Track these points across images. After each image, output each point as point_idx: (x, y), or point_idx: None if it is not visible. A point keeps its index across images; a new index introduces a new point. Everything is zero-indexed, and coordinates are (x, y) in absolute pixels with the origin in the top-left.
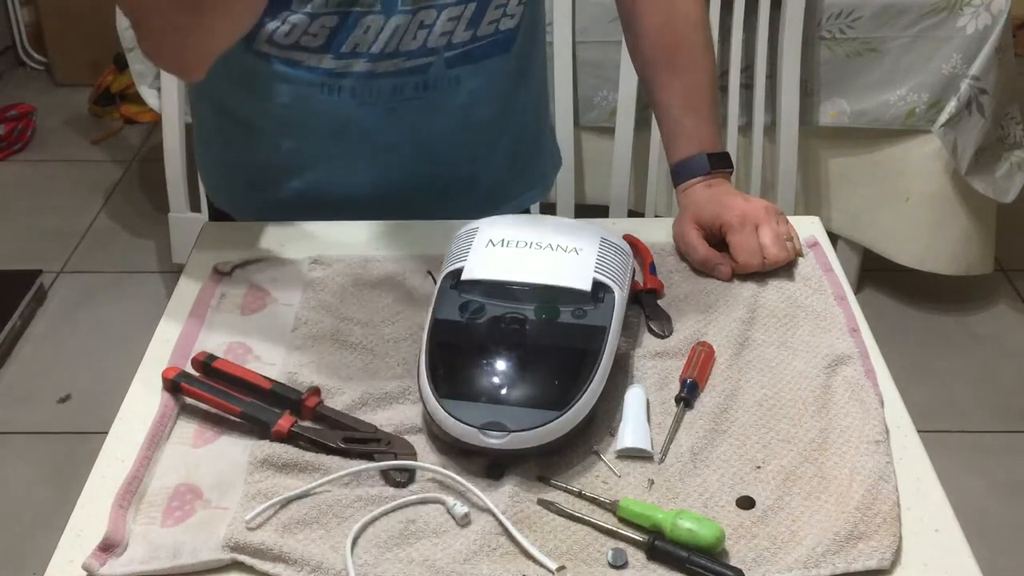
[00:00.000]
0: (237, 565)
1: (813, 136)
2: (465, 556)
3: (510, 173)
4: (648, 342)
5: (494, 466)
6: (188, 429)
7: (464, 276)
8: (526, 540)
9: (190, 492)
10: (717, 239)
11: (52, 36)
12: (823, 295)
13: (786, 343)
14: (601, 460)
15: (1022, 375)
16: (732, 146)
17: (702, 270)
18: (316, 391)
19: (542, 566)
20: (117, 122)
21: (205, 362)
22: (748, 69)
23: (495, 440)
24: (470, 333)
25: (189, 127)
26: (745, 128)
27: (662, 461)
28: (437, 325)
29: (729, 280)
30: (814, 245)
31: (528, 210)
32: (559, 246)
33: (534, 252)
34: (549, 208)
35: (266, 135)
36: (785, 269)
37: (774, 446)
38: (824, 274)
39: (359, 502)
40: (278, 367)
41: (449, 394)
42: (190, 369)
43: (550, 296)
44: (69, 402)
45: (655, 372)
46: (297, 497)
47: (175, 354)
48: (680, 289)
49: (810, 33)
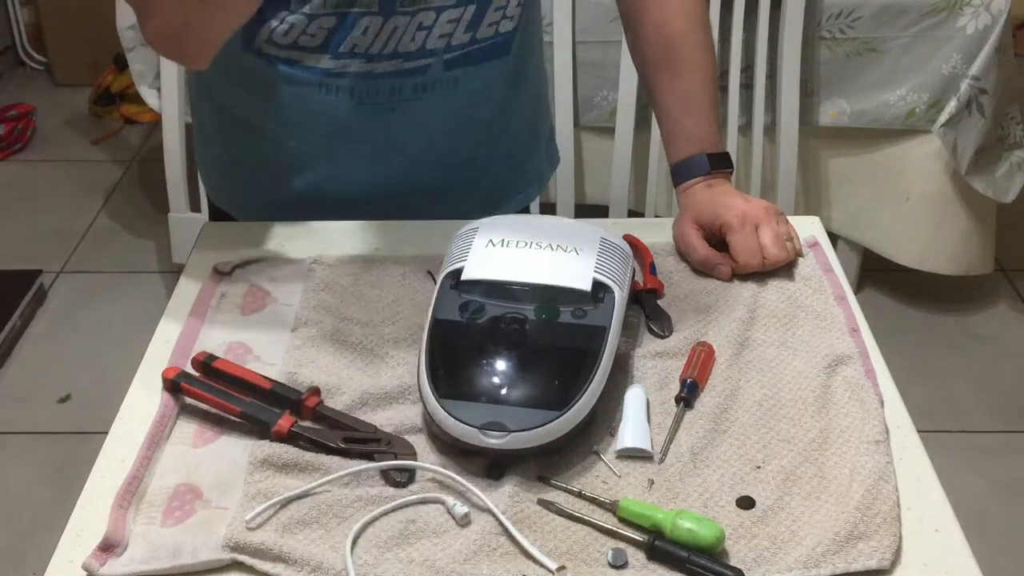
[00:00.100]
0: (237, 565)
1: (813, 136)
2: (465, 556)
3: (509, 173)
4: (648, 342)
5: (494, 466)
6: (188, 429)
7: (464, 276)
8: (526, 540)
9: (190, 492)
10: (717, 239)
11: (52, 36)
12: (823, 295)
13: (786, 343)
14: (601, 460)
15: (1022, 375)
16: (732, 146)
17: (702, 270)
18: (316, 391)
19: (542, 566)
20: (117, 122)
21: (205, 362)
22: (748, 69)
23: (495, 440)
24: (470, 333)
25: (189, 127)
26: (745, 128)
27: (662, 461)
28: (437, 325)
29: (729, 280)
30: (814, 245)
31: (528, 210)
32: (559, 246)
33: (534, 252)
34: (549, 208)
35: (265, 134)
36: (785, 269)
37: (774, 446)
38: (824, 274)
39: (359, 502)
40: (278, 367)
41: (449, 394)
42: (190, 369)
43: (550, 296)
44: (69, 402)
45: (655, 372)
46: (297, 497)
47: (175, 354)
48: (680, 289)
49: (810, 33)
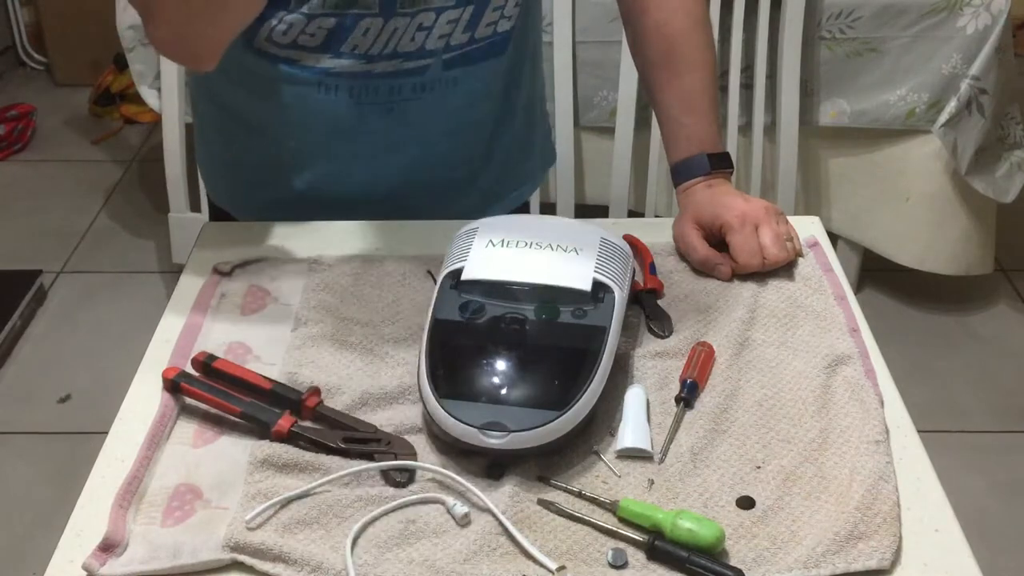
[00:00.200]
0: (237, 565)
1: (813, 136)
2: (465, 556)
3: (505, 172)
4: (648, 342)
5: (494, 466)
6: (188, 429)
7: (464, 276)
8: (526, 540)
9: (190, 492)
10: (717, 239)
11: (52, 36)
12: (823, 295)
13: (786, 343)
14: (601, 460)
15: (1022, 375)
16: (732, 146)
17: (702, 270)
18: (316, 391)
19: (542, 566)
20: (117, 122)
21: (205, 362)
22: (748, 69)
23: (495, 440)
24: (470, 333)
25: (189, 127)
26: (745, 128)
27: (662, 461)
28: (437, 325)
29: (729, 280)
30: (814, 245)
31: (527, 208)
32: (559, 246)
33: (534, 252)
34: (549, 208)
35: (266, 134)
36: (785, 269)
37: (774, 446)
38: (824, 274)
39: (359, 502)
40: (278, 367)
41: (449, 394)
42: (190, 369)
43: (550, 296)
44: (69, 402)
45: (655, 372)
46: (297, 497)
47: (175, 354)
48: (680, 289)
49: (810, 33)
